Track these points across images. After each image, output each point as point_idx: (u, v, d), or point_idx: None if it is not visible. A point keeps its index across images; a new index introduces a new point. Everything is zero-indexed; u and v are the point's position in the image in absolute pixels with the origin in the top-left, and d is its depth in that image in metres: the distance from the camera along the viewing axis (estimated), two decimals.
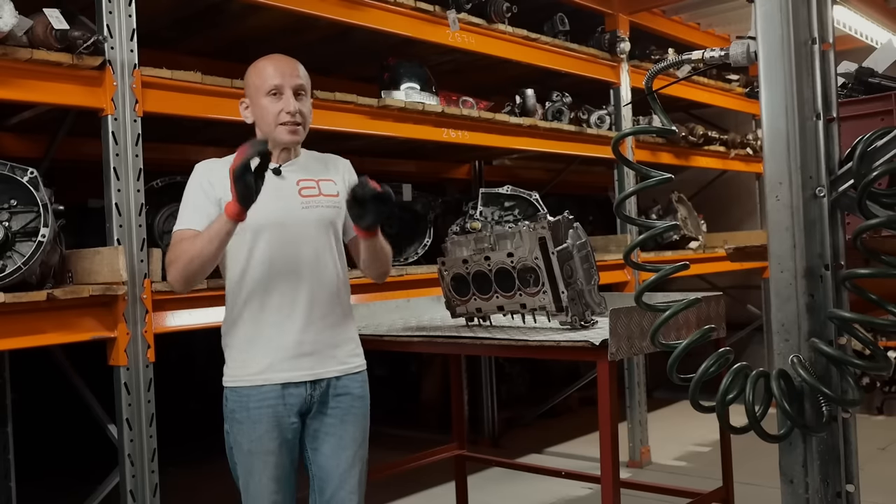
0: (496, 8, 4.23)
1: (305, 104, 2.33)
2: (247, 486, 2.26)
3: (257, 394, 2.24)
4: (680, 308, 1.47)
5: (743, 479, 3.51)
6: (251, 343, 2.27)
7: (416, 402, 6.66)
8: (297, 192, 2.32)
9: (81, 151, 3.63)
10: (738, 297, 6.92)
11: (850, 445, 1.39)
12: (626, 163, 1.67)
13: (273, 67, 2.32)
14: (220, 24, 3.85)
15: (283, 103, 2.28)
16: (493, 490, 4.61)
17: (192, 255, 2.16)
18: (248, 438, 2.24)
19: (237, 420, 2.26)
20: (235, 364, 2.30)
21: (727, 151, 6.25)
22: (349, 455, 2.32)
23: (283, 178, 2.32)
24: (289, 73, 2.31)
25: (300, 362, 2.26)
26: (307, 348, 2.27)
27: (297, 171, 2.36)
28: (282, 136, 2.30)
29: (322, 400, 2.30)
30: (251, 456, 2.24)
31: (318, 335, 2.29)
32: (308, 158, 2.43)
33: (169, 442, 3.22)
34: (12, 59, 2.61)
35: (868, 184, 1.30)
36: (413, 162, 5.52)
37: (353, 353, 2.39)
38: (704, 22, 5.96)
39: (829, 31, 1.37)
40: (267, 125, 2.30)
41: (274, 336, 2.26)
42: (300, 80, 2.32)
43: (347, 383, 2.34)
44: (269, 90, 2.29)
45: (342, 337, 2.35)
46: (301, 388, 2.27)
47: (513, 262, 2.93)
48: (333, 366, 2.31)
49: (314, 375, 2.28)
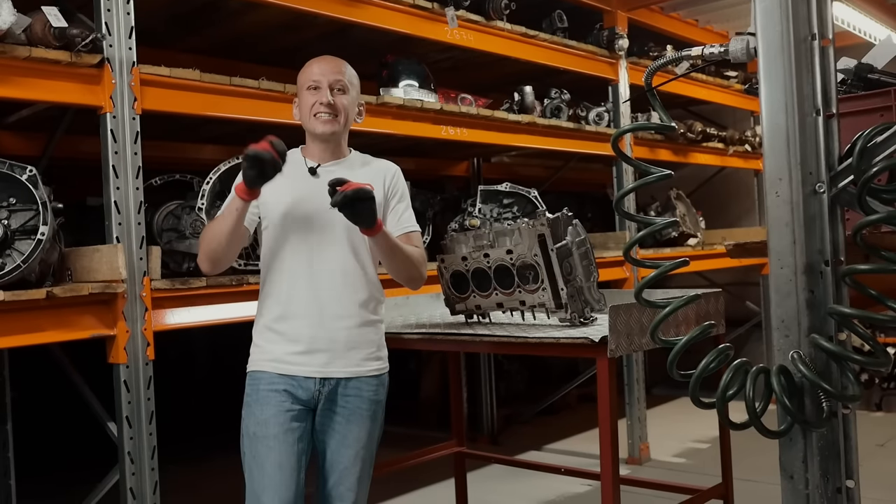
0: (494, 5, 4.23)
1: (344, 99, 2.41)
2: (251, 471, 2.28)
3: (268, 378, 2.32)
4: (679, 304, 1.47)
5: (742, 475, 3.51)
6: (271, 333, 2.35)
7: (415, 399, 6.66)
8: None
9: (80, 149, 3.63)
10: (736, 293, 6.93)
11: (850, 441, 1.39)
12: (626, 159, 1.66)
13: (317, 66, 2.43)
14: (219, 22, 3.84)
15: (319, 95, 2.37)
16: (493, 487, 4.61)
17: (212, 233, 2.29)
18: (255, 421, 2.29)
19: (248, 403, 2.34)
20: (256, 350, 2.39)
21: (726, 148, 6.25)
22: (351, 454, 2.35)
23: (318, 177, 2.37)
24: (329, 70, 2.41)
25: (313, 358, 2.31)
26: (321, 345, 2.32)
27: (335, 172, 2.36)
28: (315, 127, 2.39)
29: (330, 398, 2.33)
30: (255, 440, 2.28)
31: (334, 334, 2.32)
32: (355, 160, 2.49)
33: (169, 440, 3.23)
34: (11, 56, 2.60)
35: (868, 180, 1.30)
36: (412, 159, 5.51)
37: (372, 357, 2.40)
38: (703, 18, 5.96)
39: (828, 27, 1.38)
40: (305, 117, 2.41)
41: (290, 330, 2.32)
42: (339, 77, 2.41)
43: (359, 385, 2.36)
44: (309, 85, 2.40)
45: (361, 340, 2.37)
46: (310, 383, 2.32)
47: (512, 259, 2.93)
48: (345, 367, 2.34)
49: (324, 373, 2.32)
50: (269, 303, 2.37)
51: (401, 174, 2.52)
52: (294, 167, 2.35)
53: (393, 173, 2.49)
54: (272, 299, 2.36)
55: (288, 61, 3.95)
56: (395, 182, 2.47)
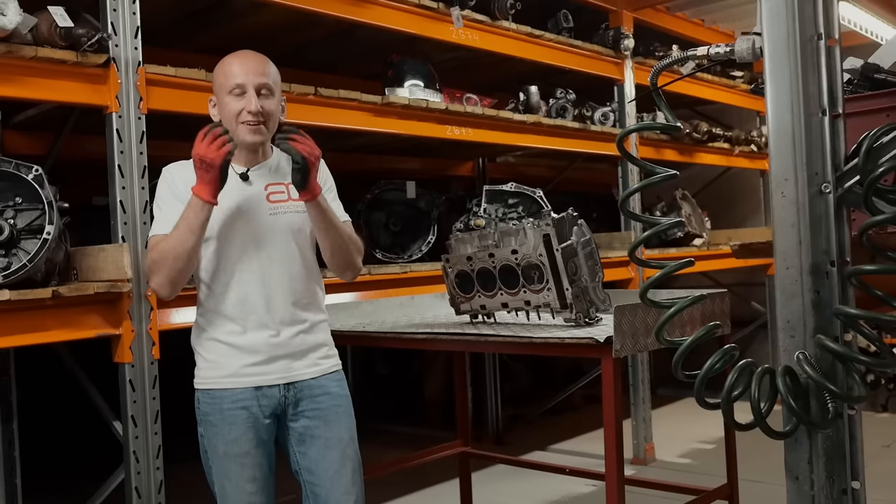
0: (500, 5, 4.23)
1: (270, 102, 2.26)
2: (223, 489, 2.24)
3: (230, 395, 2.23)
4: (685, 305, 1.47)
5: (748, 476, 3.50)
6: (224, 347, 2.26)
7: (420, 399, 6.66)
8: (265, 197, 2.29)
9: (86, 149, 3.64)
10: (742, 294, 6.91)
11: (856, 442, 1.38)
12: (631, 159, 1.66)
13: (238, 65, 2.26)
14: (225, 21, 3.85)
15: (245, 102, 2.22)
16: (498, 487, 4.61)
17: (175, 252, 2.14)
18: (224, 440, 2.23)
19: (211, 423, 2.25)
20: (207, 366, 2.29)
21: (731, 148, 6.24)
22: (336, 455, 2.29)
23: (249, 183, 2.29)
24: (253, 70, 2.25)
25: (273, 366, 2.26)
26: (279, 351, 2.26)
27: (266, 175, 2.33)
28: (243, 136, 2.25)
29: (298, 403, 2.29)
30: (227, 459, 2.22)
31: (290, 339, 2.28)
32: (280, 159, 2.37)
33: (174, 438, 3.23)
34: (17, 56, 2.61)
35: (874, 180, 1.29)
36: (417, 159, 5.51)
37: (326, 355, 2.37)
38: (709, 18, 5.95)
39: (834, 27, 1.37)
40: (229, 124, 2.24)
41: (246, 341, 2.25)
42: (264, 79, 2.25)
43: (324, 383, 2.32)
44: (232, 89, 2.24)
45: (315, 340, 2.34)
46: (275, 390, 2.26)
47: (517, 259, 2.93)
48: (306, 368, 2.30)
49: (288, 378, 2.27)
50: (217, 318, 2.26)
51: (325, 164, 2.39)
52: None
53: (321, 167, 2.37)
54: (221, 314, 2.25)
55: (294, 61, 3.96)
56: (322, 175, 2.34)
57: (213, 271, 2.27)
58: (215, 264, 2.27)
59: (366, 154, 5.06)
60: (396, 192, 4.58)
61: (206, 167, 2.10)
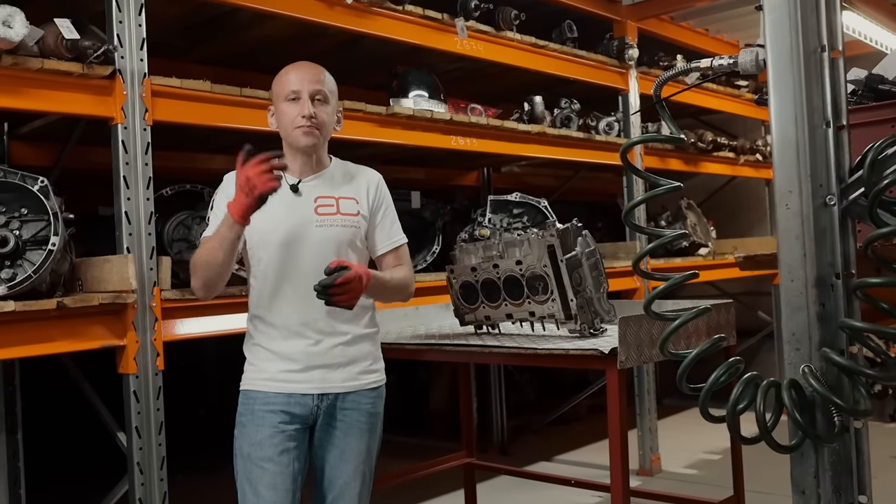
0: (504, 15, 4.24)
1: (325, 110, 2.33)
2: (243, 492, 2.26)
3: (263, 398, 2.28)
4: (689, 318, 1.46)
5: (755, 487, 3.48)
6: (265, 352, 2.31)
7: (424, 409, 6.65)
8: (314, 209, 2.32)
9: (91, 160, 3.65)
10: (748, 303, 6.89)
11: (863, 455, 1.37)
12: (635, 171, 1.67)
13: (294, 74, 2.34)
14: (230, 33, 3.86)
15: (300, 108, 2.29)
16: (502, 498, 4.59)
17: (207, 261, 2.21)
18: (249, 442, 2.26)
19: (242, 423, 2.30)
20: (250, 368, 2.35)
21: (736, 158, 6.24)
22: (351, 468, 2.32)
23: (300, 194, 2.33)
24: (308, 78, 2.32)
25: (308, 374, 2.28)
26: (316, 361, 2.29)
27: (318, 187, 2.35)
28: (297, 140, 2.31)
29: (329, 412, 2.31)
30: (249, 461, 2.25)
31: (328, 350, 2.30)
32: (336, 171, 2.42)
33: (178, 449, 3.23)
34: (23, 68, 2.63)
35: (879, 192, 1.29)
36: (422, 169, 5.52)
37: (368, 370, 2.37)
38: (713, 28, 5.95)
39: (838, 38, 1.37)
40: (285, 130, 2.34)
41: (285, 348, 2.29)
42: (319, 86, 2.32)
43: (357, 399, 2.34)
44: (288, 95, 2.31)
45: (355, 353, 2.34)
46: (308, 399, 2.28)
47: (522, 270, 2.92)
48: (343, 381, 2.32)
49: (322, 389, 2.29)
50: (261, 324, 2.33)
51: (384, 183, 2.46)
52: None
53: (376, 184, 2.44)
54: (265, 321, 2.32)
55: None
56: (379, 193, 2.43)
57: (259, 278, 2.33)
58: (261, 272, 2.32)
59: (370, 164, 5.06)
60: (401, 203, 4.57)
61: (248, 191, 2.10)
